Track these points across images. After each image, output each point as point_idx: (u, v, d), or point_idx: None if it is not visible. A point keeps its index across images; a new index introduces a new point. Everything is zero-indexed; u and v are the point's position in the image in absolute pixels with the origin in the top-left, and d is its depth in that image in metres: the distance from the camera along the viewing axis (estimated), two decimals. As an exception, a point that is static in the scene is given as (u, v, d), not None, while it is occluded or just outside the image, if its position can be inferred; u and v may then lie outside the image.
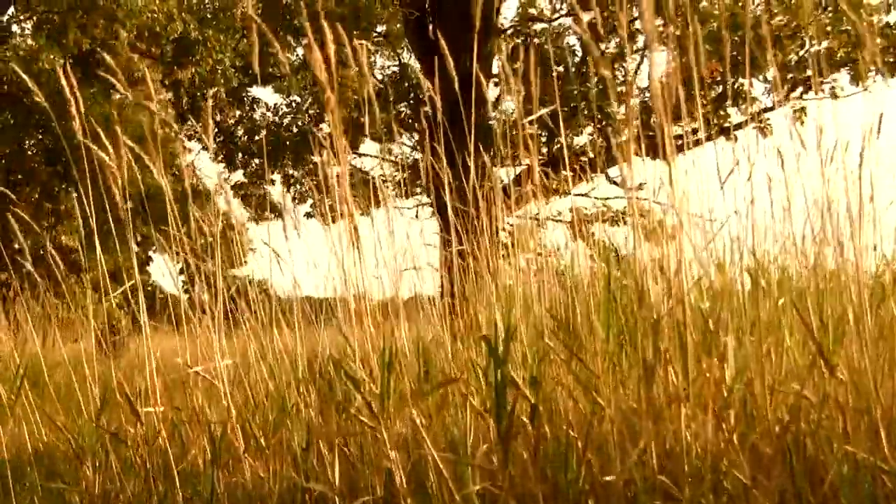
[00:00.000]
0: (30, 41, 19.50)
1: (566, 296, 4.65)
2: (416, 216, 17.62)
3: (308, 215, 18.14)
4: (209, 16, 27.54)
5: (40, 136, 18.82)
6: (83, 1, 18.28)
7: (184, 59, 24.95)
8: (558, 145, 15.56)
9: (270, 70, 26.19)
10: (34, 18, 20.13)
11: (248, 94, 27.65)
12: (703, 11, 15.14)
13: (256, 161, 19.19)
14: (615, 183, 15.92)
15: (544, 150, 15.70)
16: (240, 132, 29.85)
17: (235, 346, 5.51)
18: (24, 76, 13.98)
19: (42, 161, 19.14)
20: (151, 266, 25.08)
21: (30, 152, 19.43)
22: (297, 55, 21.35)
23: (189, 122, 29.34)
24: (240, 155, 22.49)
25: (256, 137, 20.40)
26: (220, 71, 25.66)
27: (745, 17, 12.26)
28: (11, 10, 20.24)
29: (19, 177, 19.76)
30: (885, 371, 3.32)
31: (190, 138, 30.23)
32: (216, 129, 29.79)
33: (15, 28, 20.58)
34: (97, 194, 15.54)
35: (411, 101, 16.74)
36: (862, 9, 14.04)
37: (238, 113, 29.48)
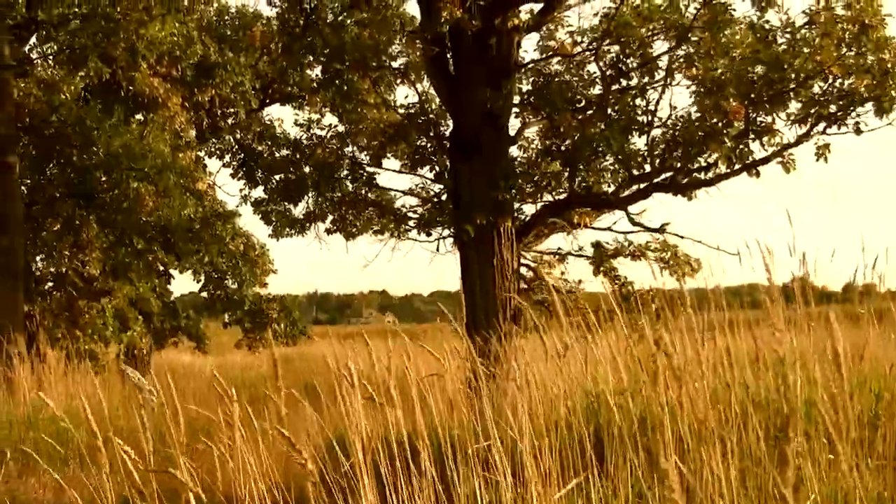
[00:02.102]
0: (51, 71, 19.61)
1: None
2: (437, 249, 17.64)
3: (329, 231, 18.16)
4: (229, 32, 27.73)
5: (63, 166, 18.88)
6: (105, 27, 18.34)
7: (204, 81, 25.09)
8: (580, 181, 15.52)
9: (290, 89, 26.39)
10: (54, 48, 20.24)
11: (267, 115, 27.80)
12: (724, 44, 15.09)
13: (277, 177, 19.22)
14: (637, 223, 15.84)
15: (566, 184, 15.64)
16: (260, 148, 29.97)
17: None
18: (45, 108, 14.03)
19: (64, 192, 19.22)
20: (172, 284, 25.21)
21: (54, 182, 19.51)
22: (317, 74, 21.38)
23: (211, 142, 29.55)
24: (259, 172, 22.57)
25: (277, 155, 20.40)
26: (240, 92, 25.81)
27: (770, 55, 12.17)
28: (33, 39, 20.38)
29: (40, 207, 19.86)
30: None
31: (210, 156, 30.40)
32: (236, 147, 29.95)
33: (35, 56, 20.70)
34: (119, 224, 15.56)
35: (431, 135, 16.71)
36: (888, 48, 13.99)
37: (258, 131, 29.62)
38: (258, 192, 22.34)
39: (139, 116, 22.55)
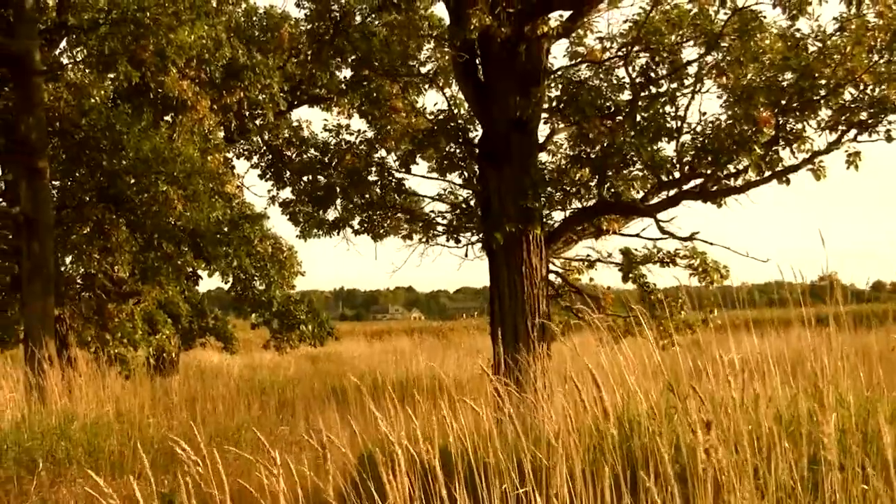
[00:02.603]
0: (81, 75, 19.70)
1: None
2: (466, 255, 17.64)
3: (357, 232, 18.17)
4: (257, 33, 27.83)
5: (92, 169, 18.97)
6: (134, 31, 18.43)
7: (233, 83, 25.18)
8: (608, 187, 15.49)
9: (318, 91, 26.46)
10: (84, 51, 20.34)
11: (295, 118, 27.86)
12: (754, 51, 15.02)
13: (305, 179, 19.24)
14: (665, 231, 15.79)
15: (595, 191, 15.62)
16: (288, 153, 30.03)
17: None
18: (75, 112, 14.13)
19: (94, 196, 19.32)
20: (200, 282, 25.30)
21: (84, 186, 19.60)
22: (344, 76, 21.40)
23: (239, 143, 29.66)
24: (287, 173, 22.64)
25: (305, 157, 20.44)
26: (269, 94, 25.88)
27: (799, 63, 12.07)
28: (63, 43, 20.49)
29: (70, 210, 19.97)
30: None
31: (238, 157, 30.50)
32: (264, 148, 30.04)
33: (65, 60, 20.80)
34: (148, 228, 15.64)
35: (461, 141, 16.70)
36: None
37: (287, 137, 29.73)
38: (286, 193, 22.43)
39: (168, 118, 22.66)
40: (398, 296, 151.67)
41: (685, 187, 15.39)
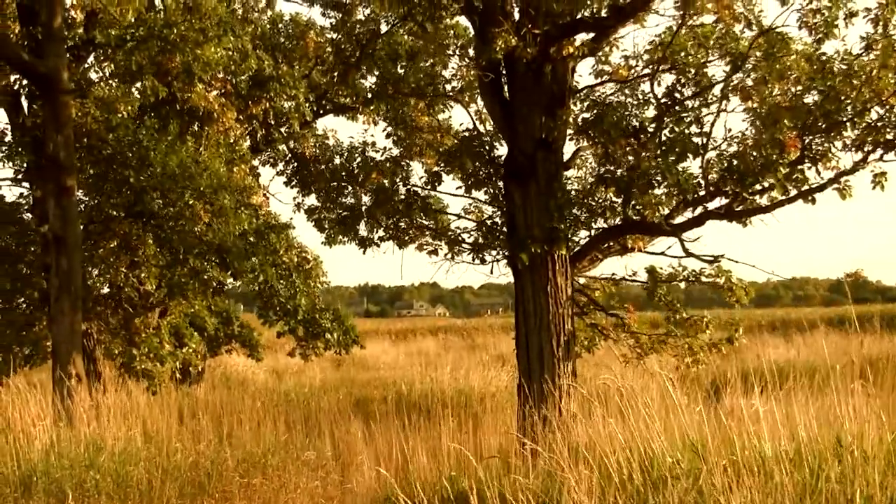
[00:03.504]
0: (107, 90, 19.82)
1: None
2: (491, 272, 17.68)
3: (382, 239, 18.20)
4: (282, 40, 27.93)
5: (119, 184, 19.09)
6: (161, 46, 18.54)
7: (258, 93, 25.30)
8: (633, 205, 15.48)
9: (344, 100, 26.52)
10: (112, 67, 20.48)
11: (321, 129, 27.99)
12: (780, 69, 14.98)
13: (332, 184, 19.26)
14: (690, 254, 15.78)
15: (620, 211, 15.61)
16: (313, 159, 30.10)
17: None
18: (102, 128, 14.26)
19: (121, 211, 19.45)
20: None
21: (111, 200, 19.71)
22: (370, 84, 21.45)
23: (267, 153, 29.79)
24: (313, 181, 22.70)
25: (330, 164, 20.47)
26: (295, 105, 25.98)
27: (825, 84, 12.06)
28: (91, 58, 20.62)
29: (97, 225, 20.11)
30: None
31: (264, 164, 30.62)
32: (290, 155, 30.15)
33: (93, 76, 20.94)
34: (175, 244, 15.77)
35: (486, 159, 16.73)
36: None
37: (312, 142, 29.81)
38: (311, 200, 22.47)
39: (194, 128, 22.78)
40: (423, 292, 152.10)
41: (710, 207, 15.37)
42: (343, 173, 18.82)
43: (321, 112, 28.06)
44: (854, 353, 26.76)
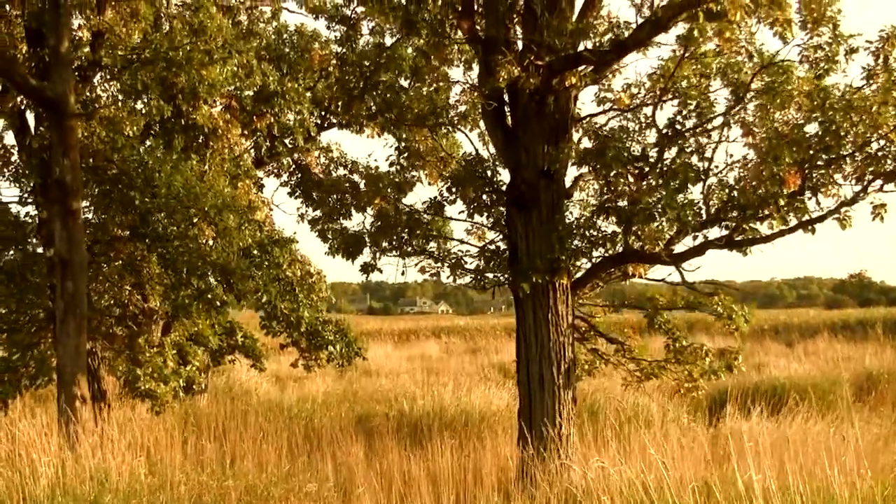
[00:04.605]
0: (112, 110, 19.93)
1: None
2: (493, 297, 17.82)
3: (385, 250, 18.27)
4: (287, 50, 28.03)
5: (124, 205, 19.18)
6: (167, 67, 18.67)
7: (263, 108, 25.43)
8: (635, 237, 15.59)
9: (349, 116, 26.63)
10: (117, 85, 20.60)
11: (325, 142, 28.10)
12: (781, 100, 15.07)
13: (334, 196, 19.36)
14: (690, 286, 15.91)
15: (621, 240, 15.71)
16: (317, 171, 30.33)
17: None
18: (108, 148, 14.40)
19: (126, 232, 19.55)
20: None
21: (117, 220, 19.82)
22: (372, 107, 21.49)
23: (271, 165, 29.93)
24: (316, 193, 22.79)
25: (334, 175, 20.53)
26: (299, 121, 26.09)
27: (826, 119, 12.16)
28: (97, 77, 20.73)
29: (102, 245, 20.21)
30: None
31: (268, 175, 30.78)
32: (294, 167, 30.28)
33: (99, 93, 21.04)
34: (180, 266, 15.93)
35: (487, 186, 16.80)
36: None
37: (317, 154, 30.01)
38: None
39: (199, 142, 22.91)
40: (426, 288, 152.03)
41: (710, 237, 15.48)
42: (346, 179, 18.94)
43: (325, 126, 28.21)
44: (852, 376, 26.78)
